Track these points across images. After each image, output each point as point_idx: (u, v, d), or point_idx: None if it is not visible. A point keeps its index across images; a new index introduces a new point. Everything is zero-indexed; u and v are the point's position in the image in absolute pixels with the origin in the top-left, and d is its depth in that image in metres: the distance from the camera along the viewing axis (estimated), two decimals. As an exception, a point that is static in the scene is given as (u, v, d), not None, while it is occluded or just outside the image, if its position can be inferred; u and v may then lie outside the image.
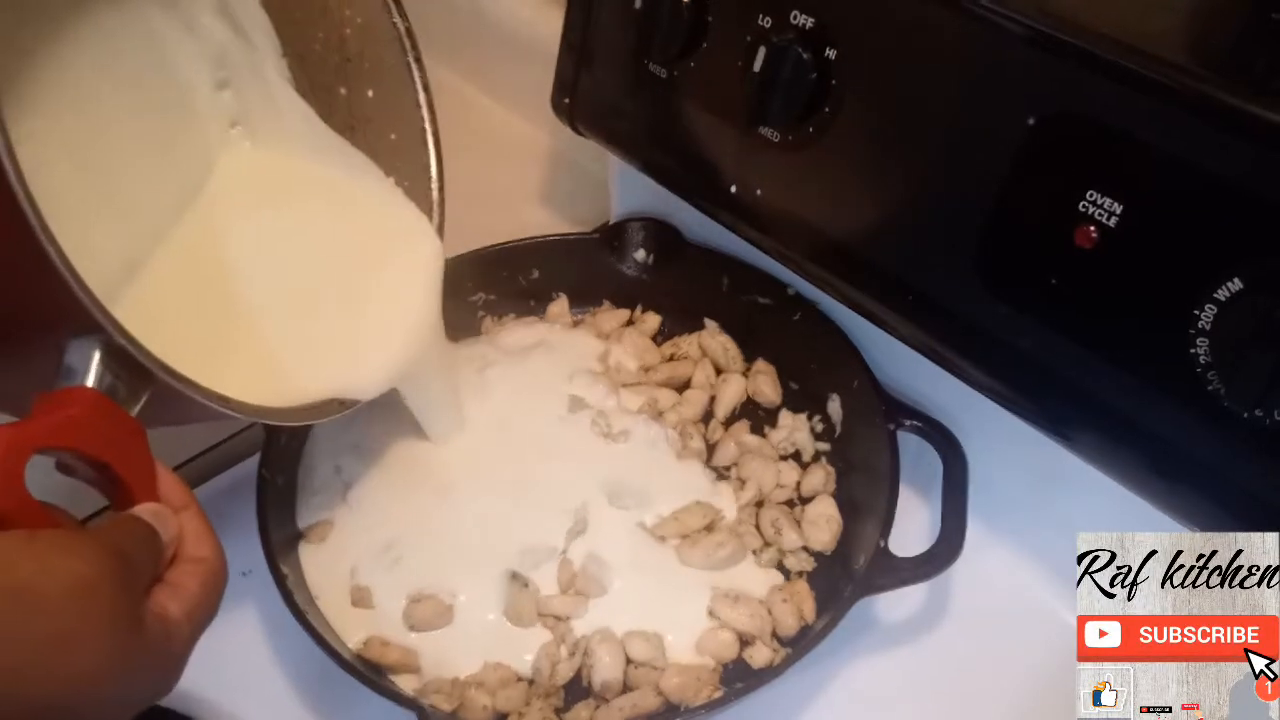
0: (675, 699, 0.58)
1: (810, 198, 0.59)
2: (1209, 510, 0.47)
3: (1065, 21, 0.47)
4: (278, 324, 0.59)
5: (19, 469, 0.38)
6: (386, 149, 0.66)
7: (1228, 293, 0.43)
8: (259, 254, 0.62)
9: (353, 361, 0.60)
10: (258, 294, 0.60)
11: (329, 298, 0.63)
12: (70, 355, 0.42)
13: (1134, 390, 0.48)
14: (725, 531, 0.65)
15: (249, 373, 0.56)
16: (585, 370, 0.73)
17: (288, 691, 0.62)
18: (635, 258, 0.80)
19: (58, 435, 0.40)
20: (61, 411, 0.40)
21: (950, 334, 0.56)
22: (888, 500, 0.62)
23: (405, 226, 0.65)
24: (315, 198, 0.65)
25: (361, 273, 0.64)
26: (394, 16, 0.63)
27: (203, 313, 0.58)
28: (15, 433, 0.38)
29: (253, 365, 0.57)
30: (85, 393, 0.41)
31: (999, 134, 0.49)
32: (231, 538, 0.66)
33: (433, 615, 0.61)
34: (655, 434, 0.69)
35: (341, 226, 0.65)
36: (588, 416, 0.70)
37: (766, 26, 0.57)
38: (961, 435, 0.64)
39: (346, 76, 0.65)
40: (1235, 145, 0.42)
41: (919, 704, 0.62)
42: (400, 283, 0.64)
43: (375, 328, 0.62)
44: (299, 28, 0.64)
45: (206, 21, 0.62)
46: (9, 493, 0.37)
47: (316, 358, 0.59)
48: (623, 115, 0.69)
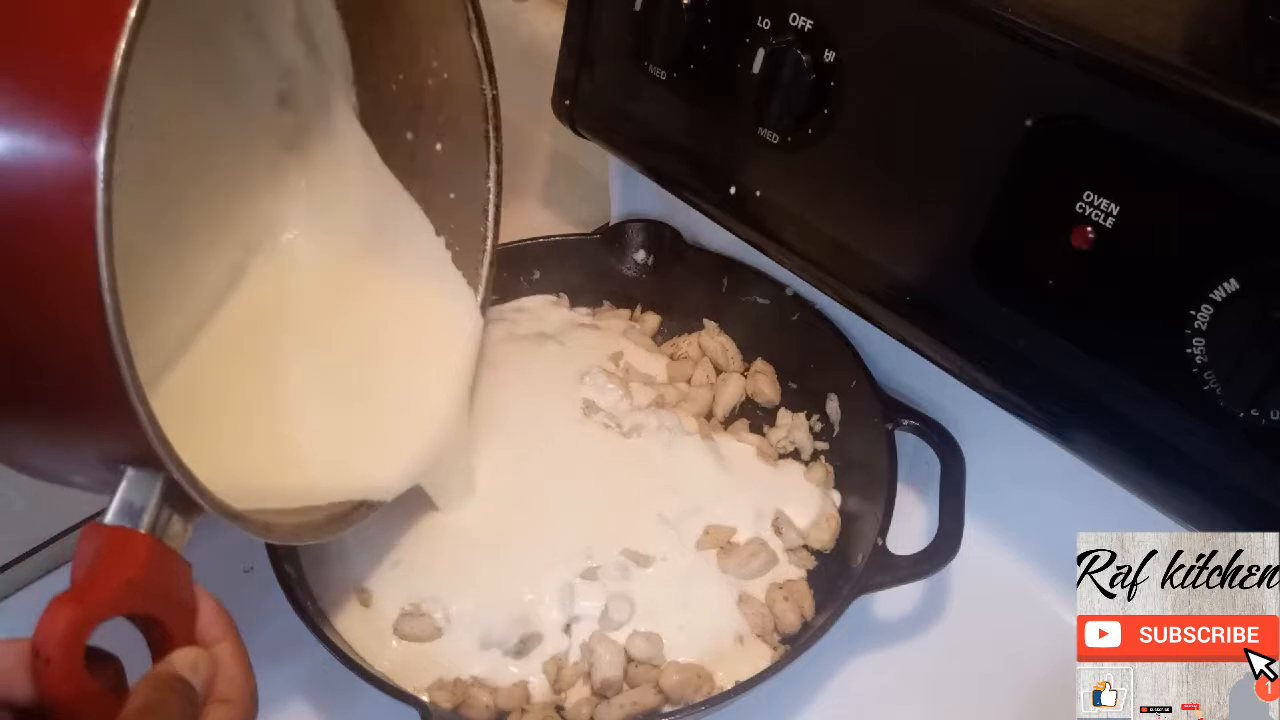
0: (675, 696, 0.58)
1: (809, 199, 0.59)
2: (1205, 510, 0.47)
3: (1063, 23, 0.47)
4: (307, 419, 0.57)
5: (80, 650, 0.36)
6: (441, 206, 0.64)
7: (1224, 293, 0.43)
8: (298, 343, 0.59)
9: (379, 460, 0.58)
10: (291, 387, 0.58)
11: (362, 390, 0.60)
12: (129, 490, 0.40)
13: (1130, 390, 0.48)
14: (757, 543, 0.65)
15: (273, 470, 0.55)
16: (599, 369, 0.73)
17: (290, 688, 0.63)
18: (635, 258, 0.80)
19: (119, 604, 0.38)
20: (121, 574, 0.39)
21: (947, 334, 0.56)
22: (886, 499, 0.62)
23: (449, 300, 0.63)
24: (362, 278, 0.62)
25: (398, 358, 0.61)
26: (484, 84, 0.61)
27: (235, 409, 0.56)
28: (77, 610, 0.36)
29: (278, 463, 0.55)
30: (143, 545, 0.40)
31: (996, 135, 0.49)
32: (235, 534, 0.66)
33: (420, 631, 0.60)
34: (671, 425, 0.69)
35: (386, 304, 0.62)
36: (601, 420, 0.69)
37: (765, 28, 0.57)
38: (959, 435, 0.64)
39: (417, 124, 0.63)
40: (1232, 147, 0.42)
41: (917, 702, 0.62)
42: (435, 370, 0.62)
43: (406, 422, 0.60)
44: (379, 62, 0.62)
45: (282, 35, 0.59)
46: (70, 677, 0.36)
47: (343, 458, 0.57)
48: (623, 117, 0.69)
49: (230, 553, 0.67)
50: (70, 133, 0.35)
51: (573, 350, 0.74)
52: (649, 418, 0.69)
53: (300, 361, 0.59)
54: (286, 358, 0.59)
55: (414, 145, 0.63)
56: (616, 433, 0.69)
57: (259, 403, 0.57)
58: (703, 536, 0.64)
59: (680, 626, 0.61)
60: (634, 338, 0.77)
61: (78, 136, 0.34)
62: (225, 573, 0.67)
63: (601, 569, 0.62)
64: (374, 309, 0.63)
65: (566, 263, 0.80)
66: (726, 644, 0.60)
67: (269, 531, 0.49)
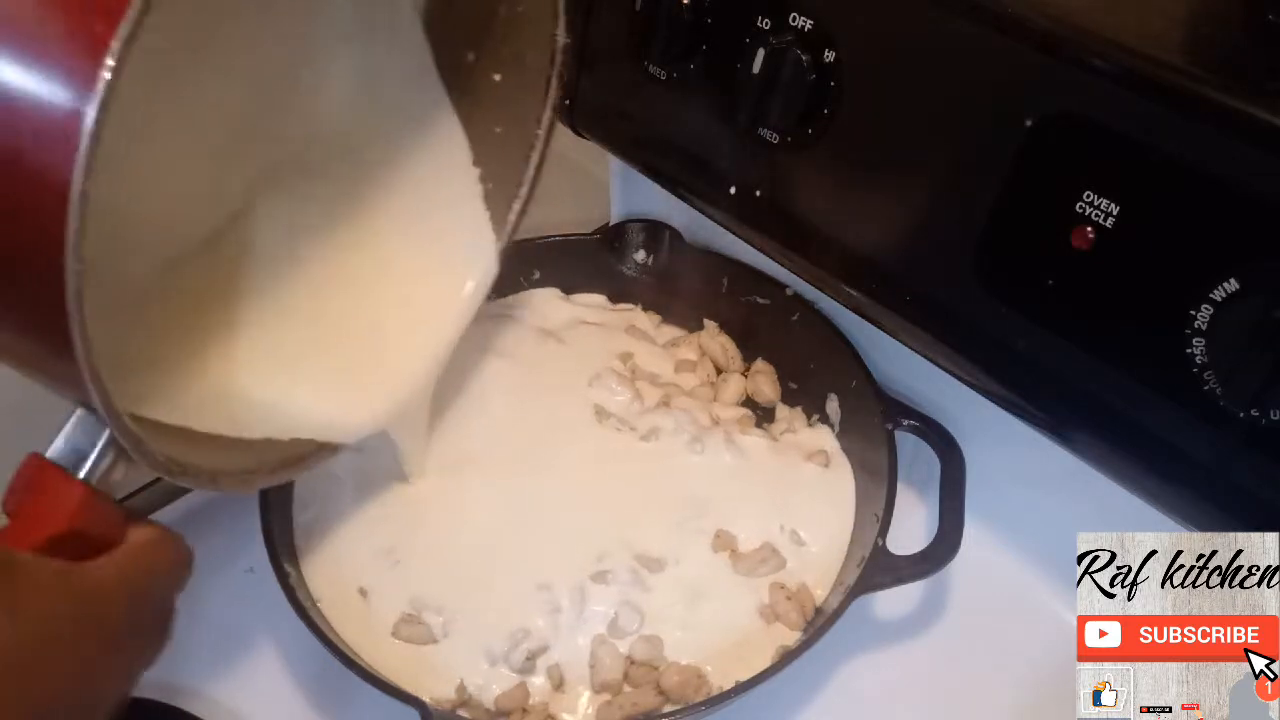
0: (675, 696, 0.58)
1: (809, 199, 0.59)
2: (1206, 510, 0.47)
3: (1063, 23, 0.47)
4: (289, 348, 0.55)
5: None
6: (483, 137, 0.60)
7: (1224, 293, 0.43)
8: (298, 269, 0.57)
9: (352, 398, 0.56)
10: (279, 313, 0.56)
11: (352, 320, 0.58)
12: (75, 431, 0.41)
13: (1130, 390, 0.48)
14: (768, 548, 0.64)
15: (238, 395, 0.53)
16: (609, 371, 0.73)
17: (290, 688, 0.63)
18: (635, 258, 0.80)
19: (37, 547, 0.39)
20: (47, 528, 0.40)
21: (948, 334, 0.56)
22: (886, 499, 0.62)
23: (467, 236, 0.60)
24: (381, 198, 0.59)
25: (399, 289, 0.59)
26: (558, 30, 0.59)
27: (215, 333, 0.55)
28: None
29: (248, 390, 0.54)
30: (76, 496, 0.41)
31: (997, 135, 0.49)
32: (235, 535, 0.67)
33: (419, 636, 0.60)
34: (685, 425, 0.69)
35: (400, 230, 0.59)
36: (613, 425, 0.69)
37: (765, 28, 0.57)
38: (959, 435, 0.64)
39: (481, 48, 0.60)
40: (1232, 147, 0.42)
41: (917, 702, 0.62)
42: (432, 308, 0.59)
43: (389, 360, 0.57)
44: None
45: None
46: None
47: (316, 391, 0.55)
48: (622, 117, 0.69)
49: (230, 553, 0.67)
50: None
51: (579, 350, 0.74)
52: (664, 419, 0.69)
53: (297, 288, 0.57)
54: (282, 284, 0.57)
55: (472, 68, 0.60)
56: (627, 434, 0.69)
57: (242, 329, 0.55)
58: (714, 540, 0.64)
59: (685, 628, 0.61)
60: (637, 334, 0.77)
61: None
62: (225, 573, 0.67)
63: (612, 574, 0.62)
64: (386, 235, 0.60)
65: (566, 262, 0.80)
66: (728, 645, 0.60)
67: (216, 482, 0.48)
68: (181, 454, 0.45)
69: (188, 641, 0.64)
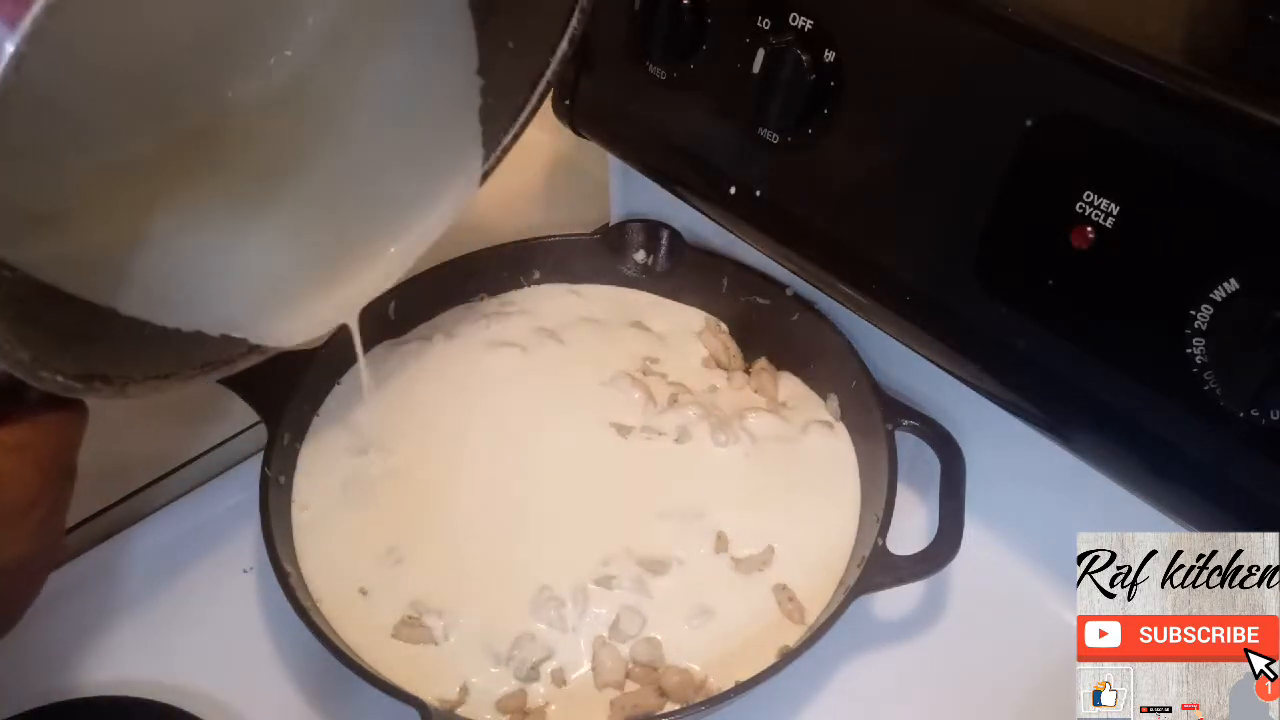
0: (675, 696, 0.58)
1: (809, 199, 0.59)
2: (1206, 510, 0.47)
3: (1063, 23, 0.47)
4: (243, 240, 0.51)
5: None
6: (496, 50, 0.56)
7: (1224, 293, 0.43)
8: (268, 164, 0.53)
9: (294, 304, 0.53)
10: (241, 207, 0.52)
11: (312, 219, 0.54)
12: None
13: (1130, 390, 0.48)
14: (769, 551, 0.64)
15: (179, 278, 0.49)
16: (622, 373, 0.72)
17: (290, 688, 0.63)
18: (635, 258, 0.80)
19: None
20: None
21: (948, 334, 0.56)
22: (886, 499, 0.62)
23: (453, 146, 0.56)
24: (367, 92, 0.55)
25: (367, 192, 0.55)
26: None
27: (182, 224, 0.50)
28: None
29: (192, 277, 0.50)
30: None
31: (996, 135, 0.49)
32: (234, 535, 0.67)
33: (419, 638, 0.60)
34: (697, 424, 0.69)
35: (378, 130, 0.55)
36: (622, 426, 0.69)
37: (765, 28, 0.57)
38: (959, 435, 0.64)
39: None
40: (1232, 146, 0.42)
41: (917, 702, 0.62)
42: (399, 216, 0.55)
43: (341, 264, 0.54)
44: None
45: None
46: None
47: (260, 291, 0.51)
48: (622, 117, 0.69)
49: (230, 553, 0.67)
50: None
51: (585, 350, 0.74)
52: (676, 417, 0.69)
53: (263, 176, 0.53)
54: (248, 169, 0.53)
55: None
56: (633, 436, 0.69)
57: (198, 209, 0.51)
58: (715, 541, 0.64)
59: (686, 630, 0.61)
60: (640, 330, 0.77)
61: None
62: (225, 573, 0.67)
63: (616, 579, 0.62)
64: (368, 130, 0.56)
65: (566, 263, 0.80)
66: (729, 645, 0.60)
67: (124, 392, 0.45)
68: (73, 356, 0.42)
69: (188, 641, 0.64)
